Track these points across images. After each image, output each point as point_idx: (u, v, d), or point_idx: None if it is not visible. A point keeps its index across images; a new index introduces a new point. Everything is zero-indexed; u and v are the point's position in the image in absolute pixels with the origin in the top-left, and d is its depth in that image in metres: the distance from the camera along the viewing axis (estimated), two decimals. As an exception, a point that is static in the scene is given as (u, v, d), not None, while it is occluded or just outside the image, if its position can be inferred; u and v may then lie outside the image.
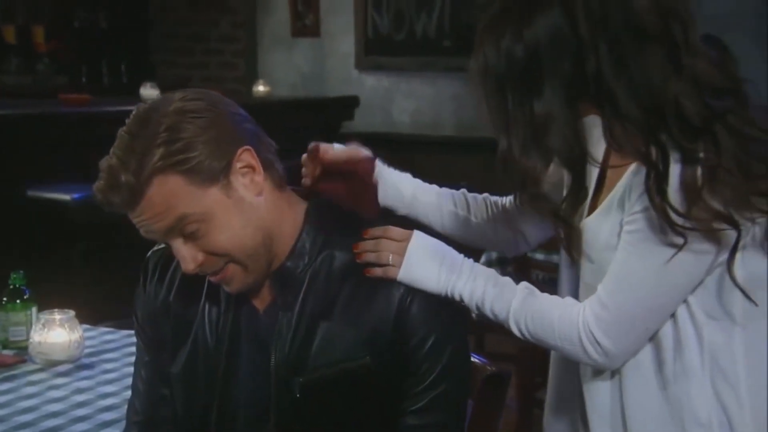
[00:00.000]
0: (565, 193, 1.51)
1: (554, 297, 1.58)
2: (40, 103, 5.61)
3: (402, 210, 1.79)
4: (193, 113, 1.56)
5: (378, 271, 1.58)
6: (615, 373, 1.54)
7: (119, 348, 2.40)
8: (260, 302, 1.70)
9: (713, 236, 1.41)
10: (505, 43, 1.43)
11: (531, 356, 3.41)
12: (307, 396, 1.62)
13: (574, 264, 1.56)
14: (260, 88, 6.25)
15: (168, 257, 1.79)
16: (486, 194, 1.86)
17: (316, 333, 1.63)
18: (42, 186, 4.63)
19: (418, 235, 1.61)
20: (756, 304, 1.46)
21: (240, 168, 1.58)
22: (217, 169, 1.56)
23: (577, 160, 1.47)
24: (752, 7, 5.23)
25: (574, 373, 1.63)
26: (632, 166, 1.47)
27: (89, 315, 2.58)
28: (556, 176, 1.56)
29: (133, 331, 2.51)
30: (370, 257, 1.59)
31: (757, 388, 1.50)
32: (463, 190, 1.86)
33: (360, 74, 6.57)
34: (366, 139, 1.75)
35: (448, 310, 1.64)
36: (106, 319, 2.89)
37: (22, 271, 2.40)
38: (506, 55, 1.43)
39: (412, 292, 1.61)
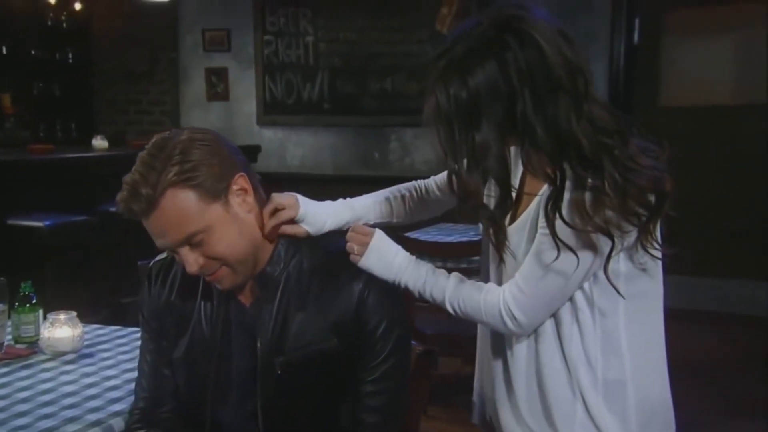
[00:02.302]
0: (494, 203, 1.46)
1: (479, 282, 1.55)
2: (12, 152, 5.31)
3: (348, 225, 1.67)
4: (201, 142, 1.48)
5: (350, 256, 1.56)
6: (531, 340, 1.51)
7: (111, 340, 2.24)
8: (246, 299, 1.61)
9: (594, 245, 1.39)
10: (453, 89, 1.37)
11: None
12: (286, 372, 1.55)
13: (502, 262, 1.51)
14: (185, 139, 6.08)
15: (167, 266, 1.69)
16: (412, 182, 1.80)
17: (292, 322, 1.56)
18: (19, 216, 4.38)
19: (378, 234, 1.57)
20: (623, 297, 1.45)
21: (236, 189, 1.50)
22: (219, 189, 1.47)
23: (505, 178, 1.42)
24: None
25: (498, 343, 1.59)
26: (543, 188, 1.45)
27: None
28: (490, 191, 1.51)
29: (118, 327, 2.37)
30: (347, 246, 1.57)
31: (637, 353, 1.49)
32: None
33: (260, 129, 6.43)
34: (265, 178, 1.69)
35: (396, 302, 1.59)
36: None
37: (30, 281, 2.23)
38: (454, 98, 1.37)
39: (369, 287, 1.55)
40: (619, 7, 5.41)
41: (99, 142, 5.58)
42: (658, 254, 1.44)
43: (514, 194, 1.44)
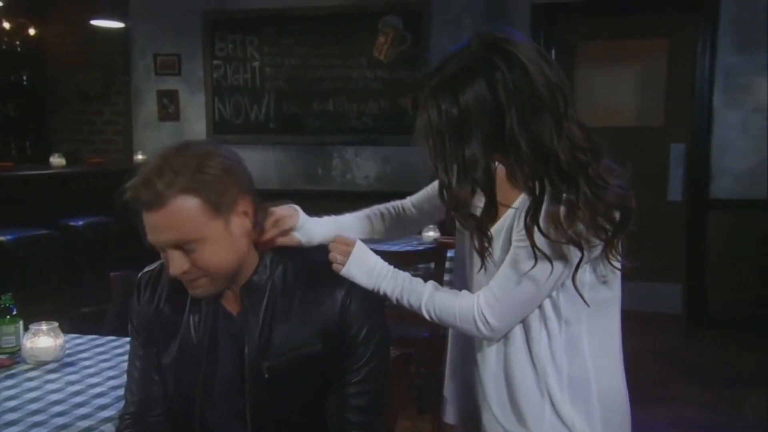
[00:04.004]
0: (480, 212, 1.44)
1: (453, 290, 1.53)
2: (-29, 169, 5.07)
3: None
4: (220, 156, 1.41)
5: (333, 265, 1.53)
6: (500, 344, 1.50)
7: (90, 349, 2.13)
8: (232, 307, 1.55)
9: (565, 255, 1.38)
10: (445, 105, 1.35)
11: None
12: (273, 376, 1.49)
13: (482, 268, 1.49)
14: (139, 157, 5.93)
15: (156, 277, 1.62)
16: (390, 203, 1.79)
17: (278, 328, 1.51)
18: (-20, 230, 4.18)
19: (359, 245, 1.53)
20: (587, 305, 1.44)
21: (239, 210, 1.43)
22: (223, 206, 1.40)
23: (491, 189, 1.41)
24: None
25: (469, 347, 1.57)
26: (518, 201, 1.44)
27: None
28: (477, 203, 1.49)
29: (95, 336, 2.27)
30: (330, 255, 1.53)
31: (597, 355, 1.49)
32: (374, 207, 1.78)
33: (210, 147, 6.29)
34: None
35: (376, 308, 1.55)
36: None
37: (10, 293, 2.11)
38: (445, 114, 1.35)
39: (350, 294, 1.51)
40: (538, 38, 5.51)
41: (57, 160, 5.39)
42: (619, 266, 1.45)
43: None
